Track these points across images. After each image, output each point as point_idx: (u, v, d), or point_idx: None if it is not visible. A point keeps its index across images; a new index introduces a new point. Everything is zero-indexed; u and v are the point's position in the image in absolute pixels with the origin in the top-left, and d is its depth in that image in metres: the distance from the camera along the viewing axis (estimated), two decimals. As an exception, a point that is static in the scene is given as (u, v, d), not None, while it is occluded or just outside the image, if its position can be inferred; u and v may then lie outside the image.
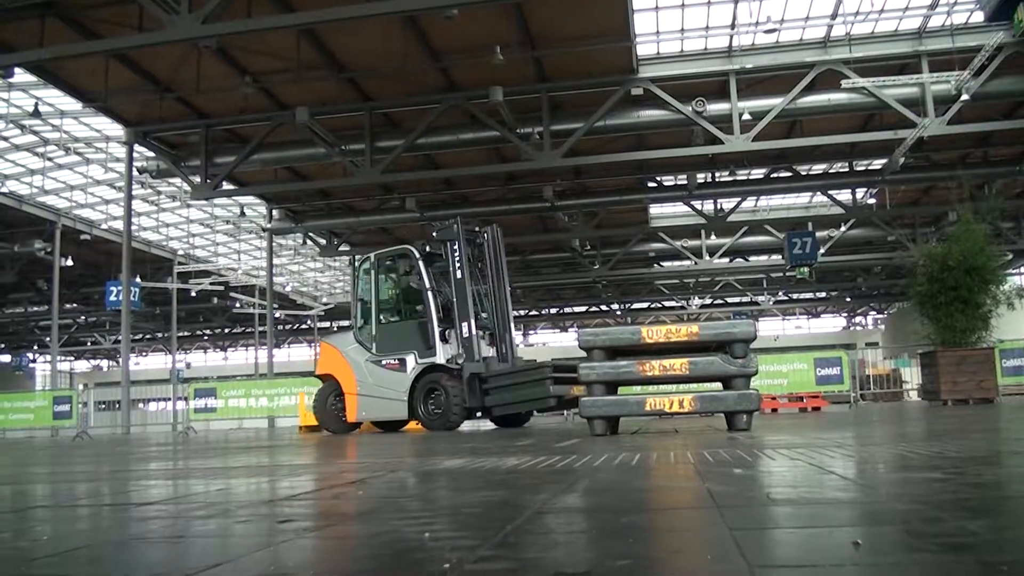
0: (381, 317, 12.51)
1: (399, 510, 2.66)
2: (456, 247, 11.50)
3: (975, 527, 1.92)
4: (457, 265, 11.42)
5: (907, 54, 17.50)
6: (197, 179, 20.06)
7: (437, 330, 11.42)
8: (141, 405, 30.53)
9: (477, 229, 12.06)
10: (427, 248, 12.08)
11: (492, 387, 10.99)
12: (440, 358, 11.32)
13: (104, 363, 66.63)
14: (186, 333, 55.14)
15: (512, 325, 11.84)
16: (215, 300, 40.24)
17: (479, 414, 11.57)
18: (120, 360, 26.65)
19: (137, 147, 20.08)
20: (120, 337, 22.15)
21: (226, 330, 54.88)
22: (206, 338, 60.59)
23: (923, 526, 1.95)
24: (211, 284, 35.29)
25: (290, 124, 18.06)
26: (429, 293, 11.58)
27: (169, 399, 22.57)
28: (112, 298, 26.78)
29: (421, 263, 11.79)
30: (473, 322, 11.30)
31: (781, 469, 3.44)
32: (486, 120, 18.01)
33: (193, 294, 35.60)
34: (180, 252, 35.14)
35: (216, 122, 19.38)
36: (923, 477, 2.94)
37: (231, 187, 22.32)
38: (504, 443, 6.62)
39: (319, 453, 6.58)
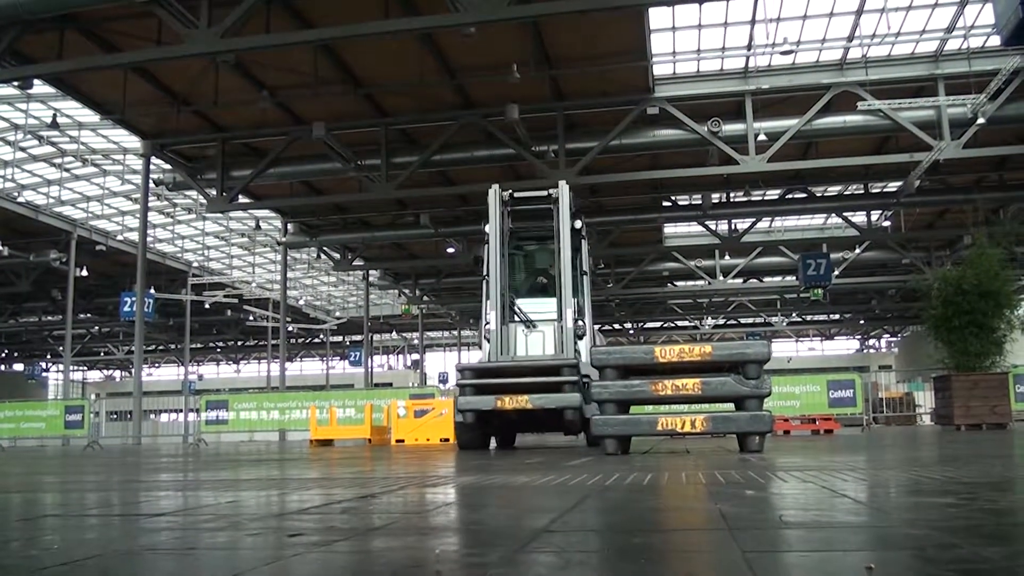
0: None
1: (409, 526, 2.65)
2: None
3: (990, 553, 1.90)
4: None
5: (923, 77, 17.50)
6: (213, 192, 20.19)
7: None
8: (153, 416, 30.65)
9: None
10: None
11: None
12: None
13: (117, 373, 66.95)
14: (199, 345, 55.36)
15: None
16: (228, 313, 40.42)
17: None
18: (132, 371, 26.74)
19: (154, 159, 20.26)
20: (133, 348, 22.23)
21: (239, 343, 55.07)
22: (219, 350, 60.80)
23: (937, 552, 1.93)
24: (225, 297, 35.47)
25: (306, 138, 18.17)
26: None
27: (181, 411, 22.62)
28: (126, 309, 26.92)
29: None
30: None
31: (793, 491, 3.42)
32: (501, 137, 18.08)
33: (207, 306, 35.78)
34: (195, 264, 35.35)
35: (233, 135, 19.51)
36: (937, 502, 2.91)
37: (247, 200, 22.44)
38: (515, 461, 6.60)
39: (329, 467, 6.57)
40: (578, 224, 10.36)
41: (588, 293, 10.68)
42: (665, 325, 51.73)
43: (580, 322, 9.98)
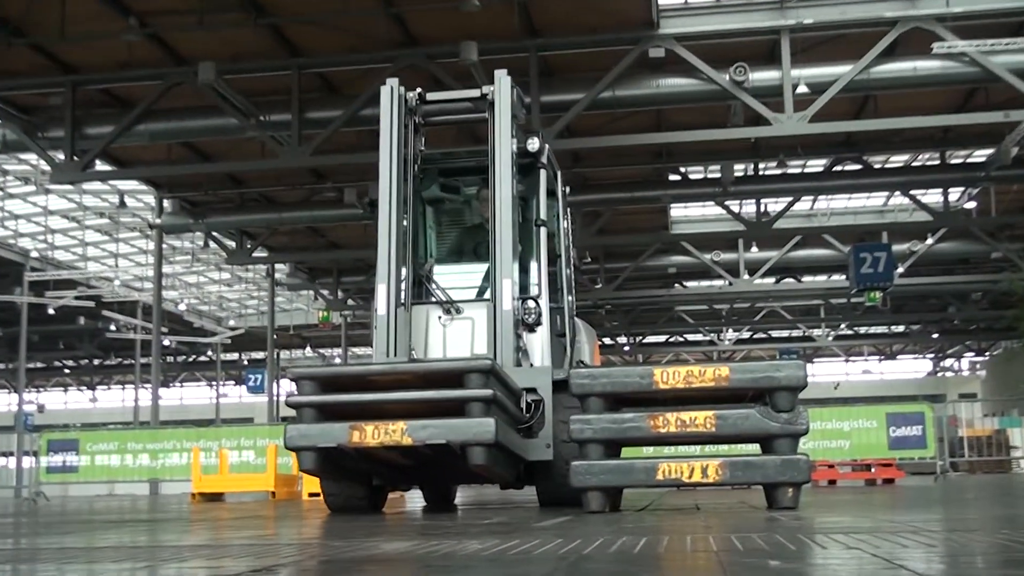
0: None
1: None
2: None
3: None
4: None
5: (1026, 8, 17.63)
6: (60, 156, 19.96)
7: None
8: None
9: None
10: None
11: None
12: None
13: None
14: (39, 365, 54.64)
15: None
16: (81, 320, 39.99)
17: None
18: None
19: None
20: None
21: (95, 362, 54.50)
22: (67, 372, 60.15)
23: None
24: (77, 299, 35.04)
25: (190, 84, 18.04)
26: None
27: (11, 453, 22.36)
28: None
29: None
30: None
31: (835, 562, 3.46)
32: (454, 86, 18.05)
33: (51, 311, 35.30)
34: (34, 254, 34.88)
35: (87, 79, 19.30)
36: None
37: (107, 168, 22.23)
38: (470, 520, 6.59)
39: (216, 530, 6.54)
40: (534, 144, 9.01)
41: (565, 261, 9.69)
42: (671, 339, 52.04)
43: (531, 303, 8.69)
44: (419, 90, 8.95)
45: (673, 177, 24.65)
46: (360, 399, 7.41)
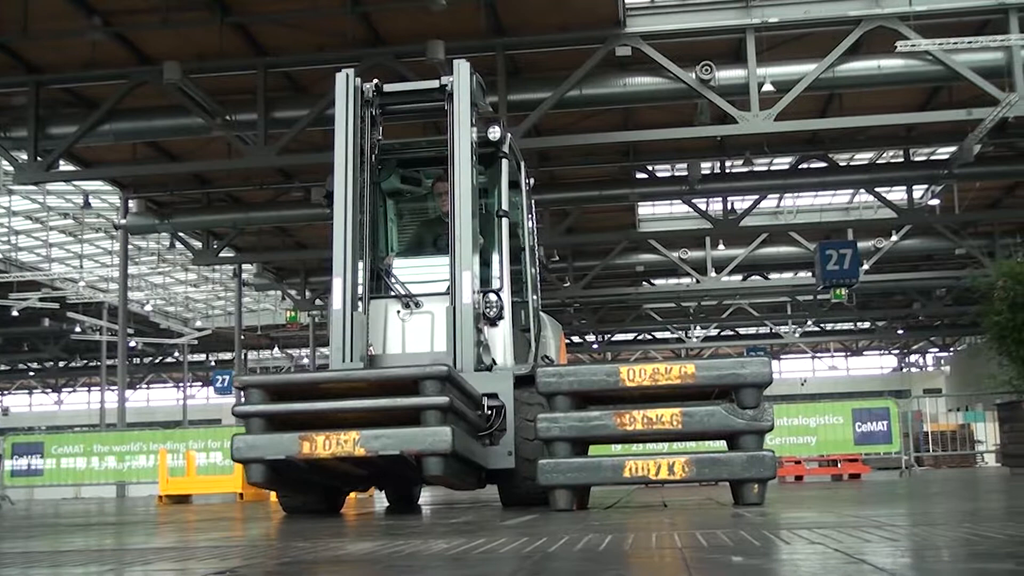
0: None
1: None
2: None
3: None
4: None
5: (989, 7, 17.74)
6: (23, 156, 19.81)
7: None
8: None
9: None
10: None
11: None
12: None
13: None
14: (4, 367, 54.26)
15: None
16: (46, 322, 39.68)
17: None
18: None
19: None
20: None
21: (60, 364, 54.07)
22: (32, 374, 59.65)
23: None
24: (41, 300, 34.78)
25: (156, 84, 17.93)
26: None
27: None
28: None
29: None
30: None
31: (798, 556, 3.48)
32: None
33: (14, 313, 35.05)
34: (-2, 256, 34.64)
35: (51, 78, 19.18)
36: (990, 569, 2.98)
37: (71, 168, 22.04)
38: (437, 519, 6.59)
39: (182, 532, 6.51)
40: (495, 132, 8.68)
41: (530, 253, 9.49)
42: (639, 337, 52.19)
43: (493, 296, 8.36)
44: (376, 81, 8.73)
45: (640, 175, 24.69)
46: (310, 408, 7.08)
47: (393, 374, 7.35)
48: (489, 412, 7.55)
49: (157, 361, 57.10)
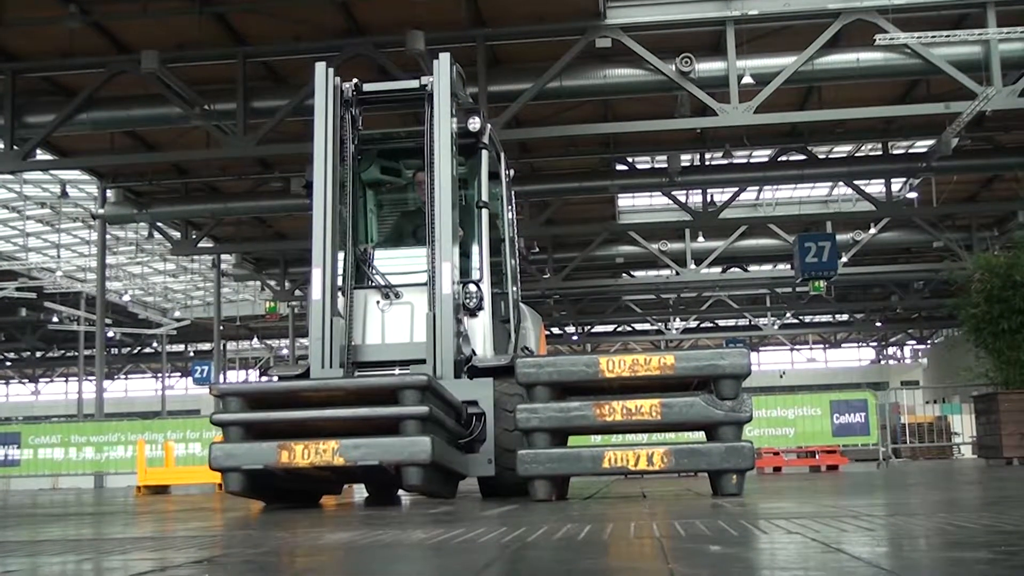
0: None
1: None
2: None
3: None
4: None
5: (967, 2, 17.85)
6: (1, 145, 19.69)
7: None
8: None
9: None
10: None
11: None
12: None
13: None
14: (-19, 357, 53.97)
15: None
16: (23, 312, 39.57)
17: None
18: None
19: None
20: None
21: (37, 354, 53.86)
22: (9, 364, 59.39)
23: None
24: (18, 290, 34.62)
25: (134, 73, 17.86)
26: None
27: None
28: None
29: None
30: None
31: (775, 546, 3.50)
32: (401, 76, 17.99)
33: (-8, 303, 34.90)
34: (-26, 245, 34.46)
35: (28, 66, 19.09)
36: (966, 557, 3.00)
37: (49, 157, 21.92)
38: (416, 509, 6.59)
39: (160, 522, 6.49)
40: (474, 123, 8.59)
41: (510, 244, 9.41)
42: (620, 329, 52.31)
43: (472, 287, 8.36)
44: (355, 81, 8.64)
45: (620, 167, 24.73)
46: (288, 417, 7.08)
47: (373, 383, 7.32)
48: (470, 419, 7.54)
49: (135, 351, 56.91)
